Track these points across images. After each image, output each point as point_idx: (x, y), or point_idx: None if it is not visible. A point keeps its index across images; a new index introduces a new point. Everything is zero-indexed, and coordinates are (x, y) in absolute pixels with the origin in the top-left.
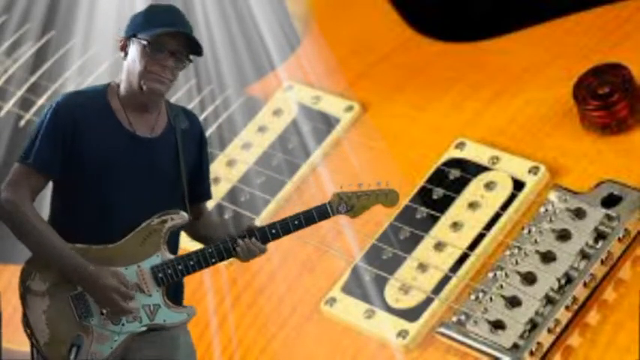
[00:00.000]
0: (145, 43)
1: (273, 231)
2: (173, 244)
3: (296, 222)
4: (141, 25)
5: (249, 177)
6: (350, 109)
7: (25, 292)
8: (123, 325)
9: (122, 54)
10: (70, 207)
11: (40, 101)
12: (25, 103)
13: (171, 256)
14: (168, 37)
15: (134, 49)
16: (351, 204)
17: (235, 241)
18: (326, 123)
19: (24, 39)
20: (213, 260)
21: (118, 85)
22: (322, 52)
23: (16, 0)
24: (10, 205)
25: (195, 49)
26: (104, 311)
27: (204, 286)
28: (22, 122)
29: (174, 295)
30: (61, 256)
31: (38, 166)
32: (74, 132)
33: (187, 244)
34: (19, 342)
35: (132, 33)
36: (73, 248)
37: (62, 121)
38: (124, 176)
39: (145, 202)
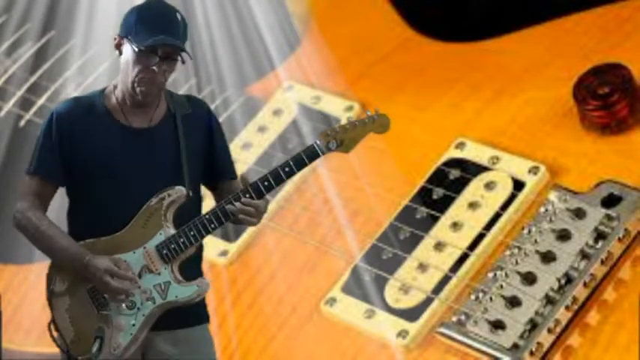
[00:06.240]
0: (136, 50)
1: (266, 183)
2: (188, 220)
3: (287, 169)
4: (133, 28)
5: (249, 177)
6: (350, 109)
7: (50, 296)
8: (138, 308)
9: (117, 52)
10: (83, 207)
11: (40, 101)
12: (25, 103)
13: (174, 232)
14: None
15: (127, 51)
16: (340, 139)
17: (230, 203)
18: (326, 123)
19: (24, 39)
20: (213, 226)
21: (115, 86)
22: (322, 52)
23: (16, 0)
24: (20, 215)
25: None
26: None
27: None
28: (22, 122)
29: (190, 273)
30: (63, 252)
31: (40, 175)
32: (71, 137)
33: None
34: (19, 342)
35: (125, 34)
36: (82, 244)
37: (58, 128)
38: (129, 170)
39: (154, 191)
